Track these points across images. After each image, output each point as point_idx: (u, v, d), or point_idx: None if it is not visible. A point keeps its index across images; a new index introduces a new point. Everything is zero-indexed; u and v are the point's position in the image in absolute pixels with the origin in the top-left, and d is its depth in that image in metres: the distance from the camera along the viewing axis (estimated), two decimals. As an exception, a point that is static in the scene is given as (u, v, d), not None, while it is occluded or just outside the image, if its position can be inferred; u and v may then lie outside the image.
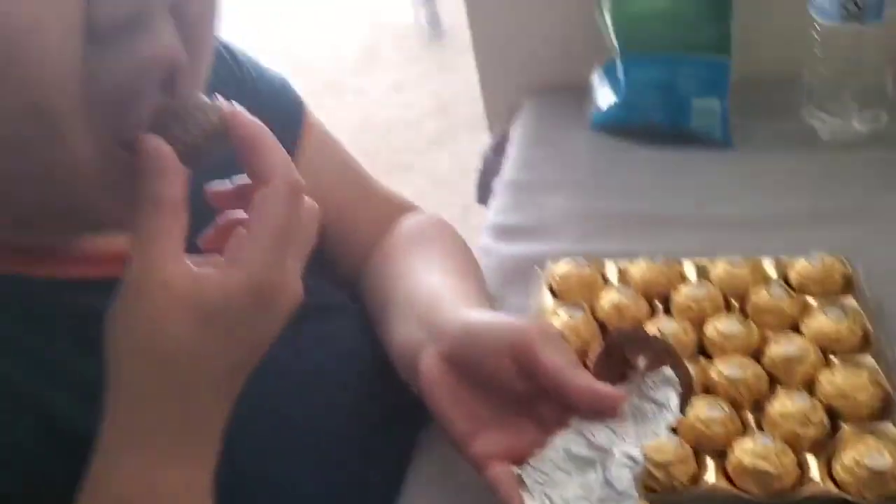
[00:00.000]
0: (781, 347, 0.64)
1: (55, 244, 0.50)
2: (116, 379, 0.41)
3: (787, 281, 0.71)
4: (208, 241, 0.46)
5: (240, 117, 0.43)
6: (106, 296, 0.41)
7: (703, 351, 0.67)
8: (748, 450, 0.56)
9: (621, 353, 0.50)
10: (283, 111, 0.71)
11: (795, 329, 0.67)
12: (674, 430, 0.58)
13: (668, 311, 0.71)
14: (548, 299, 0.74)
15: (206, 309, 0.40)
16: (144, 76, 0.41)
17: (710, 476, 0.56)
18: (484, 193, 1.14)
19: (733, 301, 0.70)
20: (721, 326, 0.66)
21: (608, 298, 0.71)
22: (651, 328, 0.67)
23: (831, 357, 0.63)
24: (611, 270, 0.75)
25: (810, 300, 0.69)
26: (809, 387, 0.61)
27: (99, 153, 0.41)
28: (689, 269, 0.74)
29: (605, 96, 0.98)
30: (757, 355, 0.65)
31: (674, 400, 0.48)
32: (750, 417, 0.60)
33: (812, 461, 0.56)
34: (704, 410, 0.59)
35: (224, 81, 0.62)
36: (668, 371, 0.48)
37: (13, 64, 0.36)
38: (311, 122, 0.73)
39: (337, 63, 3.02)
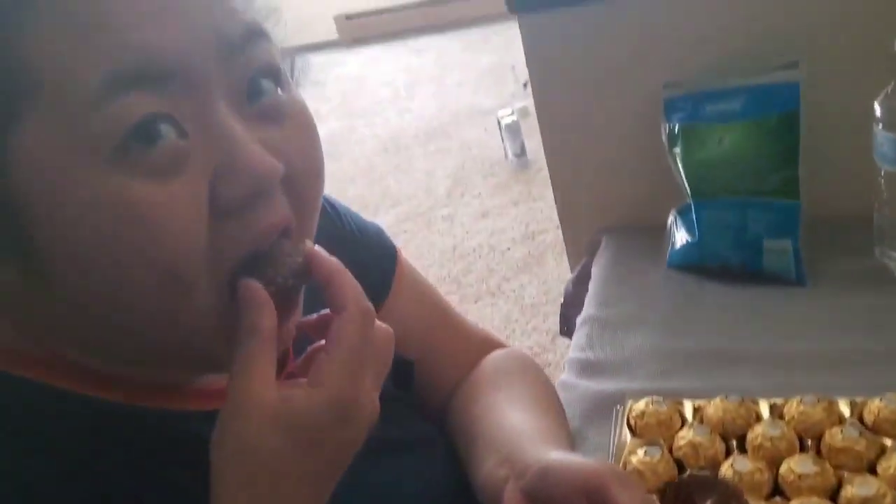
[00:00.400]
0: (857, 489, 0.65)
1: (178, 381, 0.57)
2: (218, 489, 0.46)
3: (862, 421, 0.72)
4: (298, 366, 0.53)
5: (319, 257, 0.50)
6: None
7: (779, 490, 0.68)
8: (824, 592, 0.57)
9: (690, 495, 0.53)
10: (379, 258, 0.78)
11: (872, 470, 0.68)
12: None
13: (743, 449, 0.73)
14: (626, 437, 0.77)
15: (293, 424, 0.46)
16: (261, 242, 0.48)
17: None
18: (566, 326, 1.18)
19: (808, 441, 0.72)
20: (796, 466, 0.68)
21: (685, 437, 0.74)
22: (726, 467, 0.69)
23: (909, 499, 0.64)
24: (688, 409, 0.78)
25: (886, 441, 0.70)
26: (887, 530, 0.62)
27: (220, 307, 0.48)
28: (764, 409, 0.76)
29: (680, 237, 1.03)
30: (833, 496, 0.66)
31: (739, 542, 0.50)
32: (827, 559, 0.61)
33: None
34: (780, 551, 0.60)
35: (328, 233, 0.70)
36: (732, 514, 0.51)
37: (150, 237, 0.44)
38: (403, 267, 0.80)
39: (429, 193, 3.16)
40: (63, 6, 0.41)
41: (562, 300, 1.24)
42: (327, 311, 0.52)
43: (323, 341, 0.52)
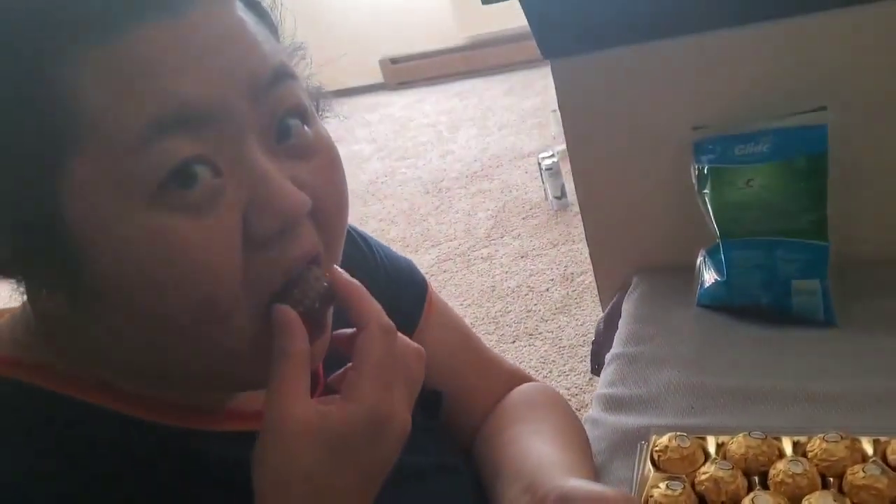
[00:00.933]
0: (879, 527, 0.65)
1: (212, 403, 0.59)
2: None
3: (885, 460, 0.72)
4: (335, 380, 0.55)
5: (341, 279, 0.53)
6: (252, 446, 0.50)
7: (800, 527, 0.69)
8: None
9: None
10: (409, 291, 0.81)
11: (894, 509, 0.68)
12: None
13: (765, 485, 0.73)
14: (650, 471, 0.77)
15: (329, 439, 0.49)
16: (293, 270, 0.51)
17: None
18: (597, 365, 1.19)
19: (830, 478, 0.72)
20: (817, 503, 0.68)
21: (707, 472, 0.74)
22: (747, 503, 0.70)
23: (931, 539, 0.64)
24: (711, 445, 0.79)
25: (909, 480, 0.70)
26: (908, 568, 0.62)
27: (255, 332, 0.51)
28: (787, 445, 0.76)
29: (709, 276, 1.04)
30: (854, 534, 0.66)
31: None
32: None
33: None
34: (797, 587, 0.61)
35: (358, 265, 0.73)
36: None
37: (188, 269, 0.47)
38: (433, 300, 0.82)
39: (468, 234, 3.19)
40: (109, 57, 0.45)
41: (593, 339, 1.25)
42: None
43: None
